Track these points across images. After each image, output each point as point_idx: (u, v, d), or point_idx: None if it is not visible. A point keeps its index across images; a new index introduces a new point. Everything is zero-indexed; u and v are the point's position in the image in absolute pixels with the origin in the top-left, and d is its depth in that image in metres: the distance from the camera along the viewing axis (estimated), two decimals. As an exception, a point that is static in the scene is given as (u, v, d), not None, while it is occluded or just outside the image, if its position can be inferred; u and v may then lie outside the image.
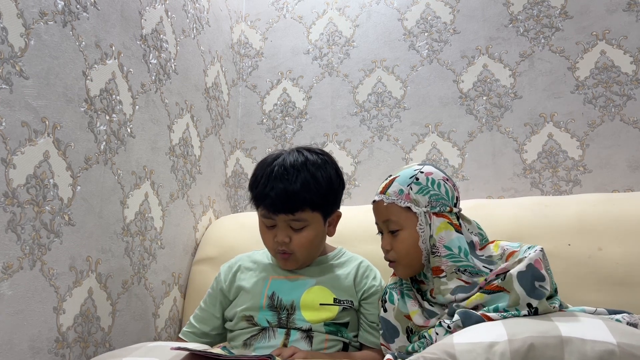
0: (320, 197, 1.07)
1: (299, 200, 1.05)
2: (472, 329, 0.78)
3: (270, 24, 1.94)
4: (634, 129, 1.47)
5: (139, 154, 1.29)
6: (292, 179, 1.05)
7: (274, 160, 1.10)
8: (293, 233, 1.08)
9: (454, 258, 0.93)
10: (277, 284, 1.12)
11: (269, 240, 1.11)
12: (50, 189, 1.01)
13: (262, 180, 1.07)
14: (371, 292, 1.12)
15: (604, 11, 1.55)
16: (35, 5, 0.98)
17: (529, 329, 0.72)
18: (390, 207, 0.98)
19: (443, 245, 0.94)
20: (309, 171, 1.07)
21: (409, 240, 0.97)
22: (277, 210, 1.06)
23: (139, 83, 1.30)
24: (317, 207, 1.08)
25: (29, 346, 0.94)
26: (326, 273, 1.14)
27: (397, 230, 0.98)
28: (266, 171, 1.08)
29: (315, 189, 1.06)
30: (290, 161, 1.08)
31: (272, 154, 1.14)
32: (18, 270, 0.93)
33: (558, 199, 1.36)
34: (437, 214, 0.96)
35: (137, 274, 1.27)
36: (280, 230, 1.08)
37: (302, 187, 1.05)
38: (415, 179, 0.98)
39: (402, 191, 0.97)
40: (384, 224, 1.01)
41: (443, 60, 1.70)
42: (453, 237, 0.95)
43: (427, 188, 0.97)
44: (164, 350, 0.90)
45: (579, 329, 0.71)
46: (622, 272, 1.16)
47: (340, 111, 1.79)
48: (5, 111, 0.91)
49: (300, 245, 1.08)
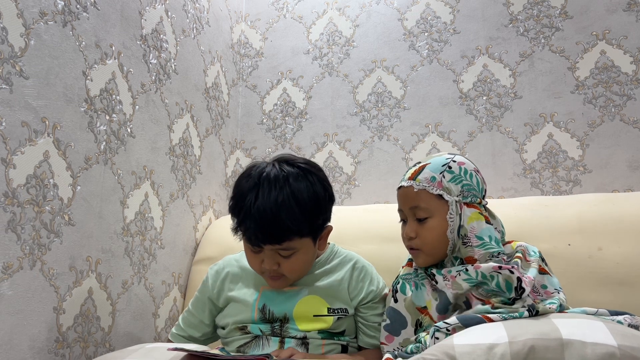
0: (308, 224, 0.99)
1: (285, 232, 0.97)
2: (473, 330, 0.78)
3: (270, 24, 1.94)
4: (634, 129, 1.47)
5: (139, 154, 1.29)
6: (276, 211, 0.95)
7: (254, 187, 0.99)
8: (282, 259, 1.01)
9: (486, 246, 0.93)
10: (268, 296, 1.07)
11: (256, 264, 1.04)
12: (50, 189, 1.01)
13: (247, 208, 0.97)
14: (370, 298, 1.08)
15: (604, 11, 1.55)
16: (35, 5, 0.98)
17: (529, 331, 0.72)
18: (420, 194, 0.96)
19: (475, 236, 0.93)
20: (294, 196, 0.97)
21: (438, 229, 0.95)
22: (263, 242, 0.98)
23: (139, 83, 1.30)
24: (306, 234, 1.00)
25: (29, 346, 0.94)
26: (319, 280, 1.08)
27: (426, 217, 0.96)
28: (246, 202, 0.98)
29: (301, 217, 0.97)
30: (273, 188, 0.97)
31: (251, 173, 1.02)
32: (18, 270, 0.93)
33: (558, 199, 1.36)
34: (468, 204, 0.95)
35: (137, 274, 1.27)
36: (268, 258, 1.00)
37: (287, 218, 0.95)
38: (447, 167, 0.96)
39: (435, 178, 0.96)
40: (410, 210, 0.98)
41: (443, 60, 1.70)
42: (484, 227, 0.94)
43: (460, 177, 0.96)
44: (163, 351, 0.89)
45: (579, 331, 0.71)
46: (622, 272, 1.16)
47: (340, 111, 1.79)
48: (5, 111, 0.91)
49: (290, 270, 1.02)
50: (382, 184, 1.68)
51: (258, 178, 1.00)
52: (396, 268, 1.20)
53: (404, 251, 1.35)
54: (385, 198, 1.67)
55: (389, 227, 1.39)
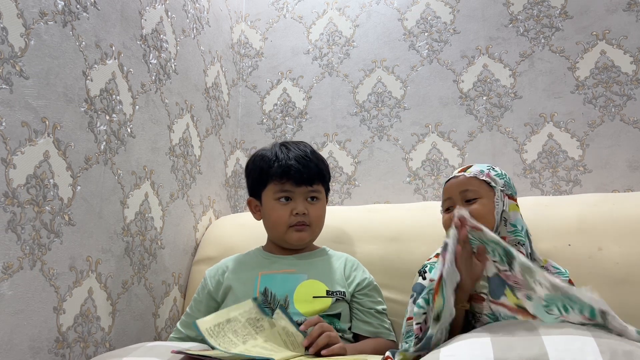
0: (328, 174, 1.24)
1: (318, 173, 1.19)
2: (461, 346, 0.76)
3: (270, 24, 1.94)
4: (634, 129, 1.47)
5: (139, 154, 1.29)
6: (310, 156, 1.19)
7: (282, 146, 1.21)
8: (309, 205, 1.18)
9: (516, 233, 1.06)
10: (267, 279, 1.14)
11: (284, 215, 1.17)
12: (50, 189, 1.01)
13: (283, 157, 1.17)
14: (364, 285, 1.18)
15: (604, 11, 1.55)
16: (35, 5, 0.98)
17: (517, 353, 0.70)
18: (471, 179, 1.09)
19: (510, 223, 1.07)
20: (316, 153, 1.23)
21: (487, 207, 1.07)
22: (301, 181, 1.16)
23: (139, 83, 1.30)
24: (325, 181, 1.23)
25: (29, 346, 0.94)
26: (317, 267, 1.18)
27: (475, 198, 1.07)
28: (282, 151, 1.19)
29: (323, 164, 1.22)
30: (297, 145, 1.22)
31: (260, 151, 1.24)
32: (18, 270, 0.93)
33: (558, 199, 1.36)
34: (508, 196, 1.09)
35: (137, 274, 1.27)
36: (299, 202, 1.17)
37: (318, 162, 1.20)
38: (492, 167, 1.12)
39: (483, 171, 1.10)
40: (461, 194, 1.09)
41: (443, 60, 1.70)
42: (518, 217, 1.08)
43: (502, 176, 1.11)
44: (163, 349, 0.90)
45: (569, 355, 0.68)
46: (622, 272, 1.16)
47: (340, 111, 1.79)
48: (5, 111, 0.91)
49: (317, 217, 1.19)
50: (382, 184, 1.68)
51: (275, 145, 1.23)
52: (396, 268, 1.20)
53: (404, 251, 1.35)
54: (385, 198, 1.67)
55: (389, 227, 1.40)
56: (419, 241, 1.31)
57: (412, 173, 1.66)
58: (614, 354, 0.68)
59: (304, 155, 1.18)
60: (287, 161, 1.16)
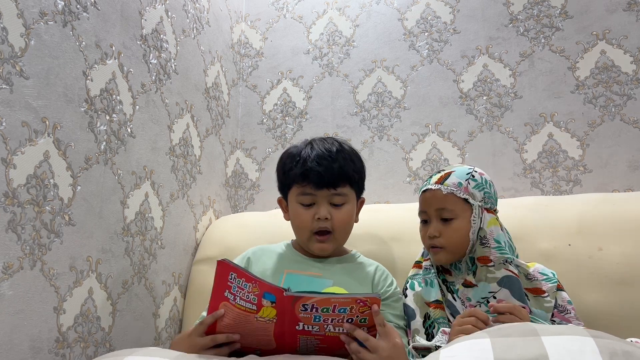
0: (357, 174, 1.14)
1: (342, 174, 1.09)
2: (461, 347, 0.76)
3: (270, 24, 1.94)
4: (634, 128, 1.47)
5: (139, 154, 1.29)
6: (334, 156, 1.10)
7: (309, 144, 1.14)
8: (333, 209, 1.10)
9: (501, 250, 1.03)
10: (292, 278, 1.10)
11: (306, 220, 1.11)
12: (51, 189, 1.01)
13: (304, 157, 1.10)
14: (388, 295, 1.12)
15: (604, 11, 1.55)
16: (35, 5, 0.98)
17: (516, 355, 0.70)
18: (448, 197, 1.05)
19: (493, 239, 1.04)
20: (345, 150, 1.13)
21: (462, 230, 1.04)
22: (322, 184, 1.08)
23: (139, 83, 1.30)
24: (354, 183, 1.13)
25: (29, 346, 0.94)
26: (343, 274, 1.13)
27: (451, 218, 1.05)
28: (306, 150, 1.11)
29: (353, 165, 1.13)
30: (325, 142, 1.14)
31: (293, 148, 1.17)
32: (18, 270, 0.93)
33: (558, 199, 1.36)
34: (487, 210, 1.06)
35: (137, 274, 1.27)
36: (322, 206, 1.09)
37: (344, 161, 1.10)
38: (471, 175, 1.07)
39: (461, 184, 1.05)
40: (436, 211, 1.07)
41: (443, 60, 1.70)
42: (500, 232, 1.05)
43: (482, 185, 1.07)
44: (164, 351, 0.90)
45: (568, 354, 0.68)
46: (622, 272, 1.16)
47: (341, 111, 1.79)
48: (5, 111, 0.91)
49: (340, 222, 1.11)
50: (382, 184, 1.68)
51: (305, 142, 1.15)
52: (396, 268, 1.20)
53: (404, 251, 1.34)
54: (385, 198, 1.67)
55: (389, 227, 1.40)
56: (419, 241, 1.30)
57: (412, 173, 1.66)
58: (614, 354, 0.68)
59: (327, 155, 1.09)
60: (308, 162, 1.09)
